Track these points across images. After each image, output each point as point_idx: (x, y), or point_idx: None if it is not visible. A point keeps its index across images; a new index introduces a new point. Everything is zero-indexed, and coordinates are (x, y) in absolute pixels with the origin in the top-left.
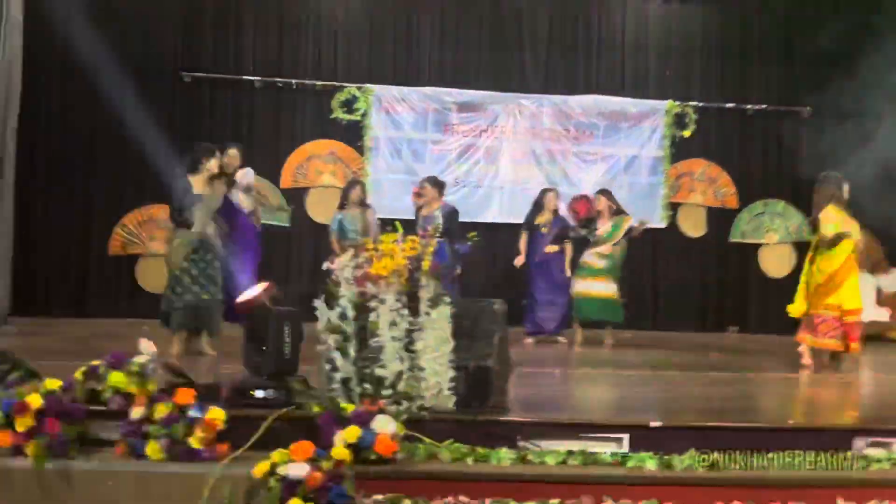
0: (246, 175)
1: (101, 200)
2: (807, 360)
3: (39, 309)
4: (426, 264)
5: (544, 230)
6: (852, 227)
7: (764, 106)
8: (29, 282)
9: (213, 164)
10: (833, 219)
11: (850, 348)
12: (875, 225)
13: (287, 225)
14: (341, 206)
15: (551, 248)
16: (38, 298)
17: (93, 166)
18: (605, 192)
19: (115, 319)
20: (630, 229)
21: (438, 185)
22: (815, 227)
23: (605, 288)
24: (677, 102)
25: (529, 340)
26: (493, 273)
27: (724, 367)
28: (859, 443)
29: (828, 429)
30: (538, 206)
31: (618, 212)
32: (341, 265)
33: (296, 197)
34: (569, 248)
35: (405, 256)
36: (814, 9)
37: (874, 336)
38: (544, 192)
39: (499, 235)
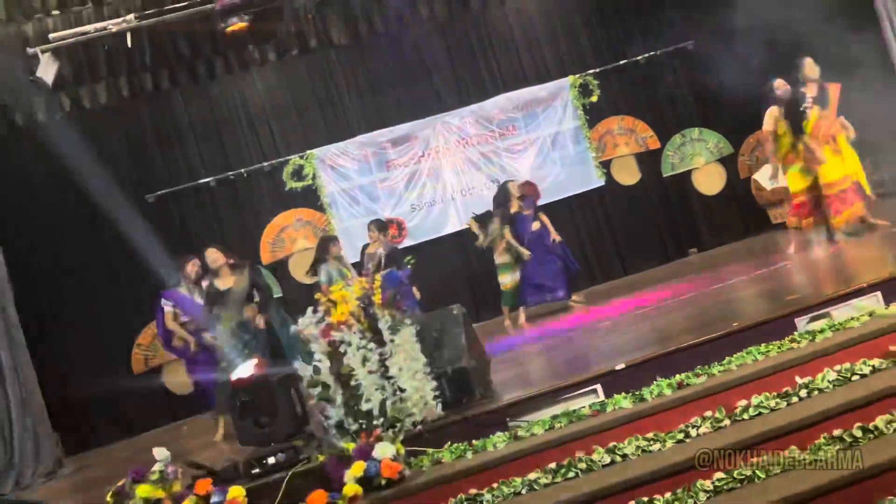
0: None
1: (111, 329)
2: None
3: (90, 442)
4: (377, 299)
5: (526, 212)
6: None
7: (652, 52)
8: (71, 424)
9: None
10: None
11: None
12: None
13: (280, 294)
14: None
15: (537, 225)
16: (85, 435)
17: (93, 301)
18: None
19: (158, 430)
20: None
21: (381, 228)
22: None
23: (515, 276)
24: (577, 76)
25: (522, 320)
26: (471, 275)
27: (682, 291)
28: (801, 321)
29: (770, 319)
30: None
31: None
32: (304, 324)
33: (280, 267)
34: (544, 217)
35: (356, 298)
36: None
37: None
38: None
39: (465, 241)
